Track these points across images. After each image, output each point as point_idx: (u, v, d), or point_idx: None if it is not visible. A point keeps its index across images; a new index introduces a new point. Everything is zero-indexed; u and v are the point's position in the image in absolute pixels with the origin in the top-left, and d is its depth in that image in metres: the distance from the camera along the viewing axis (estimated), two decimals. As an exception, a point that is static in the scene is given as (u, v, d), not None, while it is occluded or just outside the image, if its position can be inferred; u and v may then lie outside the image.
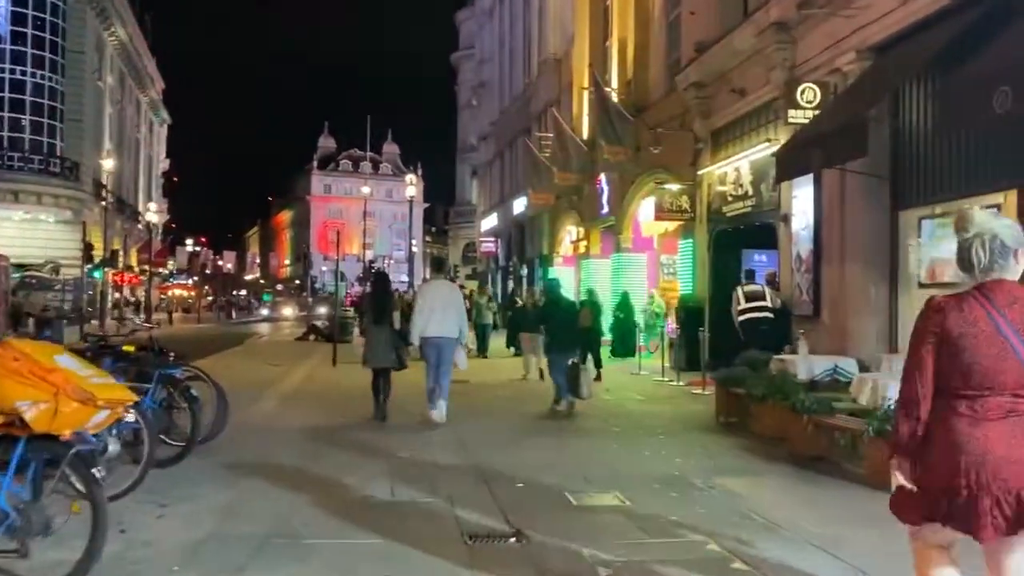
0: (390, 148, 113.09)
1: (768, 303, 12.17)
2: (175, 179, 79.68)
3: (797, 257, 12.28)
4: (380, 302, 10.27)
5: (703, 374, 12.71)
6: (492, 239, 39.95)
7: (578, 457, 7.60)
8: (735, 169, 14.73)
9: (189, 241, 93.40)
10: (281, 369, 16.09)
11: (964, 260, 2.75)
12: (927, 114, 9.84)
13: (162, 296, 70.46)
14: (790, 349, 11.53)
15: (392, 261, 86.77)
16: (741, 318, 12.12)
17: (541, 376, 13.47)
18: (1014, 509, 2.58)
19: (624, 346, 17.97)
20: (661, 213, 16.51)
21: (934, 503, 2.70)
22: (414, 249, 59.10)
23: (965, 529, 2.66)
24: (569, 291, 21.14)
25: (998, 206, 8.67)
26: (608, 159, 19.45)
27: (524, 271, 33.80)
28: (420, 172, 69.32)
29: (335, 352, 16.81)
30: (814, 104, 11.42)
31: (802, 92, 11.44)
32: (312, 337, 26.43)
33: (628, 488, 6.28)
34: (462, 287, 18.72)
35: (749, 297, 12.12)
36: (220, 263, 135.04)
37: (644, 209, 20.85)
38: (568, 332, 10.85)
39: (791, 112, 11.47)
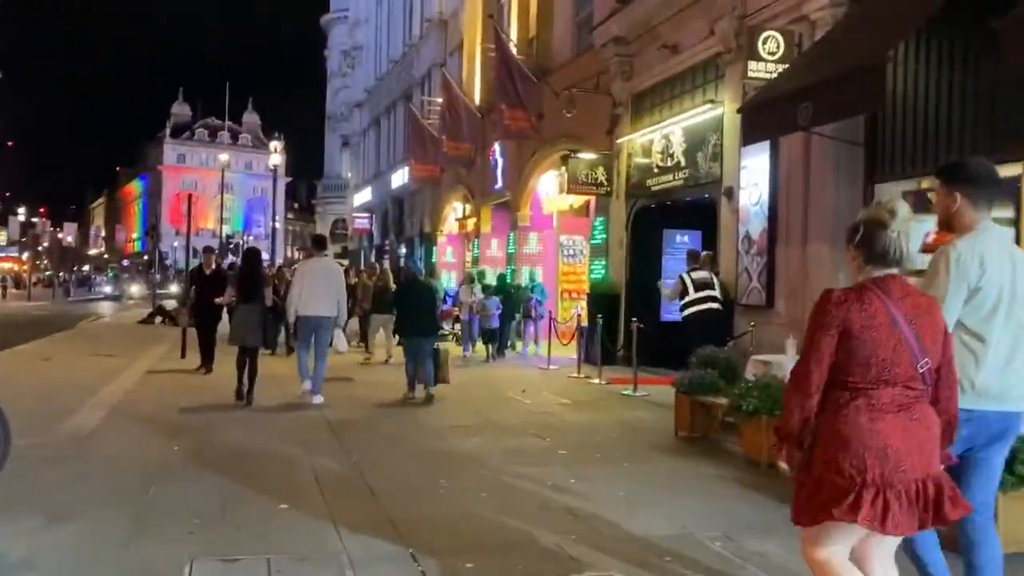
0: (250, 118, 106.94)
1: (717, 292, 10.41)
2: (9, 144, 71.76)
3: (745, 238, 10.61)
4: (251, 279, 9.85)
5: (634, 371, 10.86)
6: (366, 215, 37.10)
7: (530, 504, 5.48)
8: (664, 137, 12.94)
9: (21, 210, 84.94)
10: (115, 362, 13.09)
11: (882, 252, 2.73)
12: (921, 68, 8.27)
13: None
14: (732, 345, 9.90)
15: (251, 237, 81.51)
16: (690, 311, 10.28)
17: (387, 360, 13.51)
18: (915, 500, 2.62)
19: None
20: (574, 186, 14.55)
21: (838, 499, 2.62)
22: (276, 225, 54.90)
23: (871, 522, 2.59)
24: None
25: (1018, 178, 7.19)
26: (508, 125, 17.30)
27: (402, 250, 31.27)
28: (283, 144, 64.77)
29: (184, 339, 13.88)
30: (777, 56, 9.71)
31: (764, 41, 9.70)
32: (159, 319, 23.02)
33: (634, 568, 4.22)
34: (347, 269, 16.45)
35: (699, 286, 10.28)
36: (60, 236, 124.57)
37: (545, 183, 18.97)
38: (425, 315, 10.07)
39: (751, 65, 9.70)
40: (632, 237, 14.18)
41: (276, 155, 36.39)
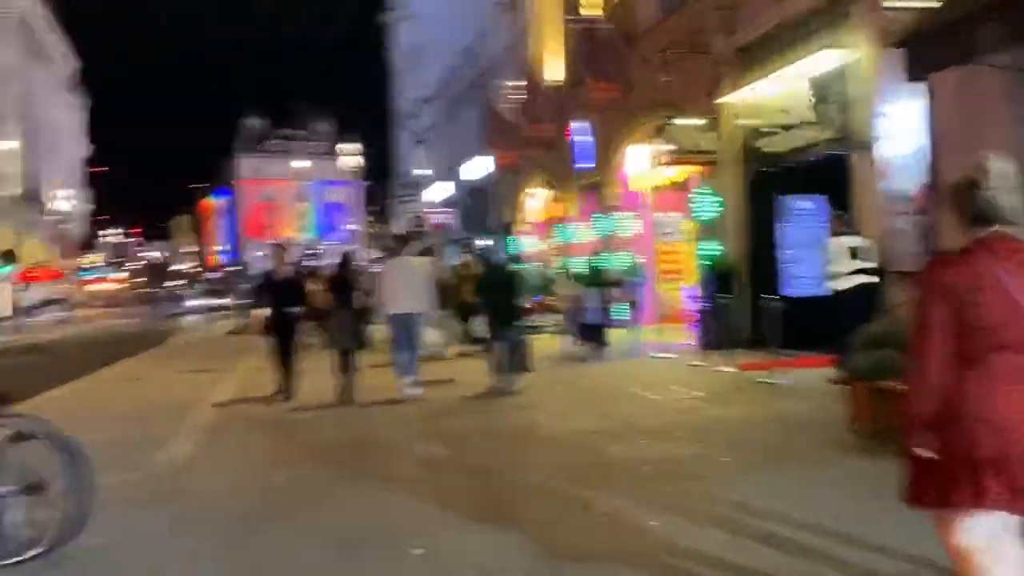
0: (321, 127, 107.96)
1: (873, 262, 8.96)
2: (103, 169, 74.03)
3: (896, 195, 9.24)
4: (345, 283, 10.03)
5: (774, 356, 9.61)
6: (443, 210, 36.40)
7: (718, 532, 4.40)
8: (779, 92, 11.59)
9: (112, 231, 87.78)
10: (207, 378, 12.51)
11: (980, 212, 2.56)
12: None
13: (87, 290, 65.26)
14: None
15: (330, 243, 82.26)
16: (847, 284, 8.82)
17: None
18: None
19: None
20: (676, 156, 13.29)
21: (958, 480, 2.44)
22: (352, 227, 54.78)
23: (998, 504, 2.40)
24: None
25: None
26: (596, 97, 16.13)
27: (483, 242, 30.39)
28: (356, 147, 64.78)
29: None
30: (923, -18, 8.33)
31: (909, -35, 8.33)
32: (249, 329, 22.68)
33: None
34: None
35: (851, 254, 8.83)
36: (150, 254, 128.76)
37: (636, 159, 17.71)
38: (507, 305, 9.88)
39: (889, -6, 8.35)
40: (748, 207, 12.86)
41: (352, 157, 36.13)
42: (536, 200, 24.83)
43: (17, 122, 45.01)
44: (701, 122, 13.25)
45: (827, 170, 11.41)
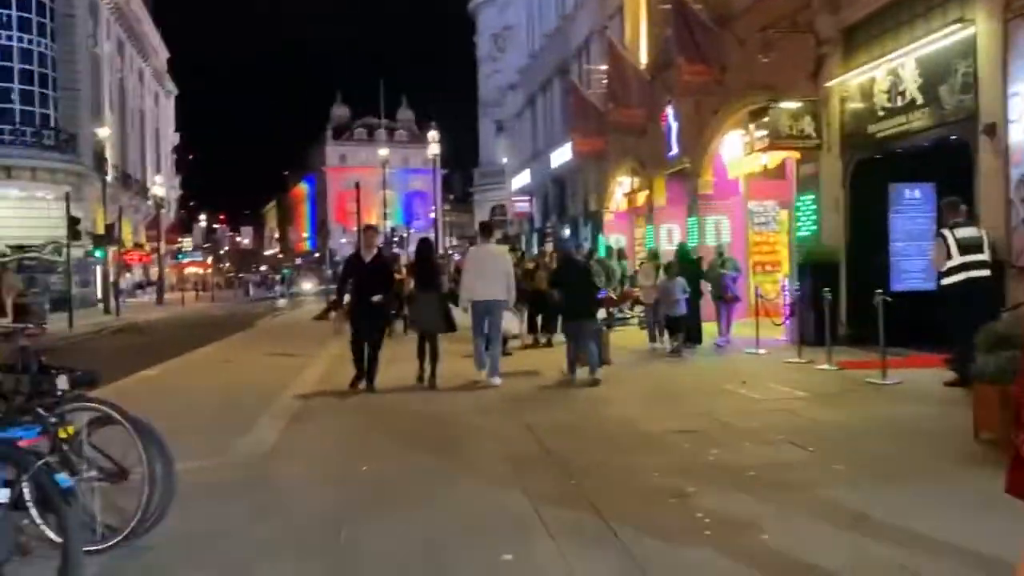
0: (405, 114, 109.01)
1: (986, 255, 8.26)
2: (191, 156, 76.63)
3: (1022, 185, 8.49)
4: (427, 267, 10.35)
5: (882, 355, 8.97)
6: (525, 198, 36.15)
7: (841, 555, 3.98)
8: (890, 73, 10.86)
9: (203, 217, 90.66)
10: (295, 362, 12.56)
11: None
12: None
13: (179, 274, 67.62)
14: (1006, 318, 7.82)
15: (412, 231, 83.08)
16: (954, 278, 8.15)
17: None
18: None
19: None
20: (776, 140, 12.63)
21: None
22: (433, 215, 54.98)
23: None
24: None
25: None
26: (689, 81, 15.55)
27: (566, 231, 30.01)
28: (439, 135, 65.31)
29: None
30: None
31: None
32: (332, 315, 22.90)
33: None
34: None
35: (964, 247, 8.14)
36: (238, 239, 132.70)
37: (729, 145, 17.06)
38: (582, 296, 9.95)
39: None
40: (851, 195, 12.15)
41: (434, 144, 36.17)
42: (623, 188, 24.30)
43: (113, 110, 46.73)
44: (799, 105, 12.55)
45: (939, 156, 10.67)
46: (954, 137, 9.91)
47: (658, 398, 8.55)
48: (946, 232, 8.28)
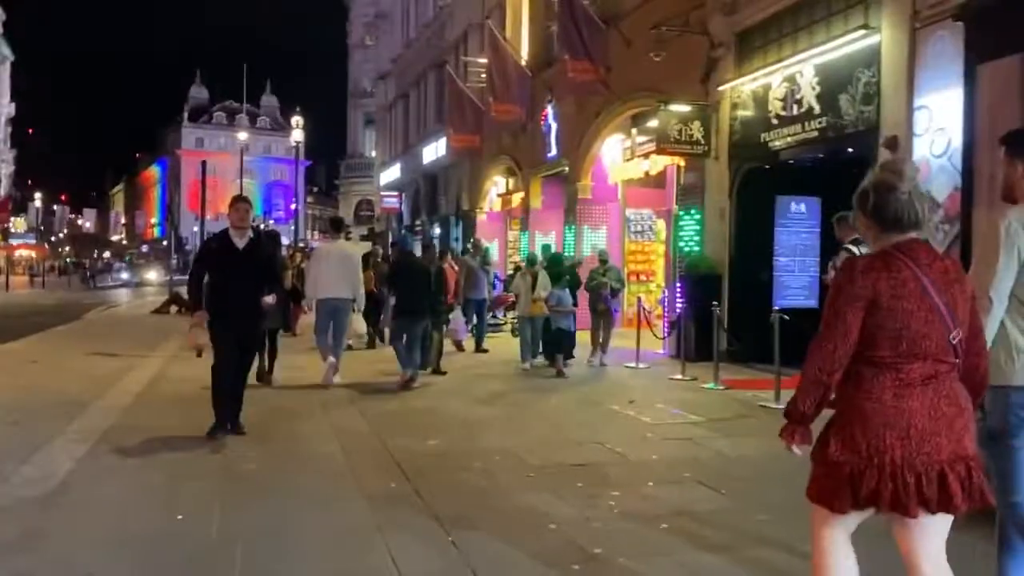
0: (269, 100, 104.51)
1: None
2: (30, 131, 70.04)
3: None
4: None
5: (777, 376, 8.39)
6: (394, 194, 34.66)
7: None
8: (787, 80, 10.40)
9: (38, 196, 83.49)
10: (116, 364, 10.82)
11: (896, 217, 2.51)
12: None
13: (8, 257, 61.57)
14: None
15: (271, 222, 79.46)
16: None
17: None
18: (936, 485, 2.42)
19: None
20: (665, 145, 11.99)
21: (857, 482, 2.46)
22: (292, 207, 52.29)
23: (893, 507, 2.43)
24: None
25: None
26: (573, 79, 14.79)
27: (436, 230, 28.86)
28: (303, 122, 62.48)
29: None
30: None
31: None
32: (174, 308, 20.83)
33: None
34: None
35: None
36: (80, 222, 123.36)
37: (610, 149, 16.48)
38: (417, 295, 9.63)
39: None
40: (735, 206, 11.68)
41: (297, 131, 34.19)
42: (497, 188, 23.43)
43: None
44: (688, 109, 11.99)
45: (826, 169, 10.32)
46: (851, 150, 9.52)
47: (540, 420, 7.60)
48: (853, 248, 7.75)
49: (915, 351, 2.43)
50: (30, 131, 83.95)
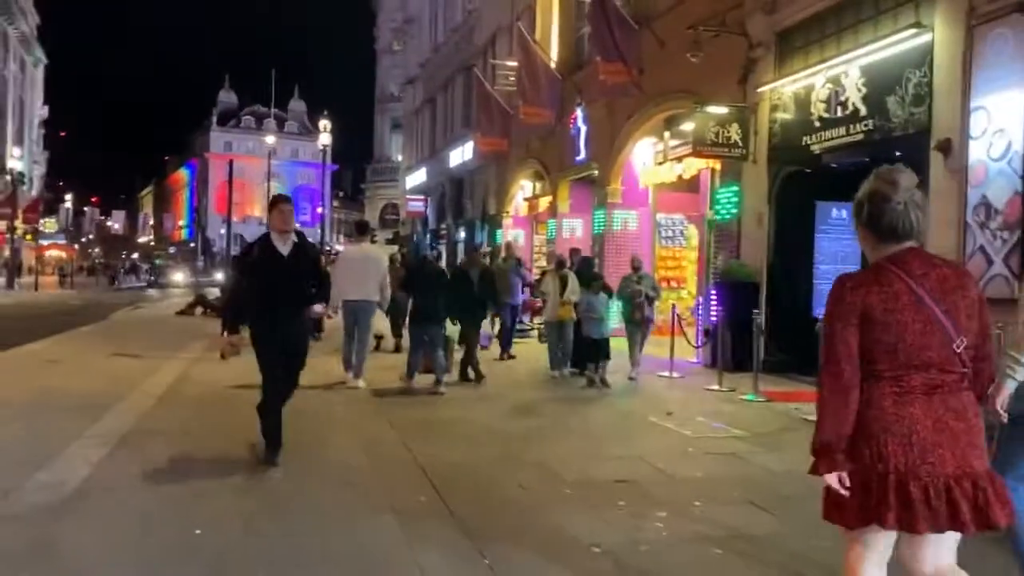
0: (296, 105, 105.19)
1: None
2: (62, 134, 70.86)
3: (981, 206, 7.71)
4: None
5: (798, 381, 8.00)
6: (420, 198, 34.50)
7: None
8: (830, 81, 10.02)
9: (68, 197, 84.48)
10: (139, 366, 10.66)
11: (891, 227, 2.49)
12: None
13: (39, 257, 62.12)
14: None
15: (298, 225, 79.59)
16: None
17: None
18: (944, 499, 2.34)
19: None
20: (701, 148, 11.65)
21: (864, 493, 2.41)
22: (319, 211, 52.35)
23: (900, 522, 2.37)
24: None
25: None
26: (605, 81, 14.48)
27: (461, 234, 28.64)
28: (331, 125, 62.72)
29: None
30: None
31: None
32: (199, 310, 20.74)
33: None
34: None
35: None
36: (108, 223, 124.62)
37: (641, 152, 16.15)
38: (433, 300, 9.43)
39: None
40: (774, 211, 11.31)
41: (325, 134, 34.10)
42: (524, 192, 23.18)
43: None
44: (726, 111, 11.64)
45: (867, 174, 9.90)
46: (898, 153, 9.12)
47: (574, 431, 7.29)
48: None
49: (914, 363, 2.41)
50: (62, 134, 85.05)
